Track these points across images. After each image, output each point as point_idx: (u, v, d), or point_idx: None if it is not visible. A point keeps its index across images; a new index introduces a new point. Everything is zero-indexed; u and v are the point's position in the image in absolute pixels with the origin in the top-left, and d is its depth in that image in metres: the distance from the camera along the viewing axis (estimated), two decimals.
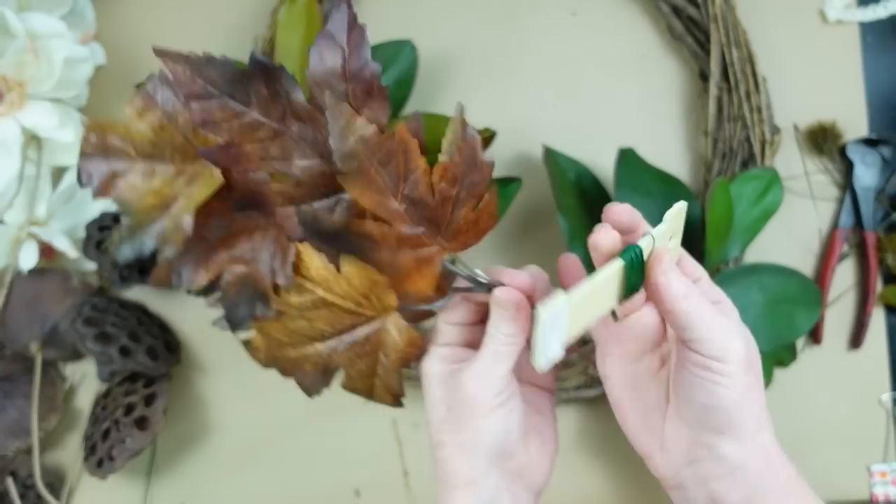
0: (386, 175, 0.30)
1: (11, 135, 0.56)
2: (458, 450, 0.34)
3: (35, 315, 0.60)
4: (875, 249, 0.60)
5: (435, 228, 0.33)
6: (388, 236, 0.31)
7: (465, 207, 0.33)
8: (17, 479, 0.60)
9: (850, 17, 0.62)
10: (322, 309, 0.35)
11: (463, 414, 0.34)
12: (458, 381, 0.34)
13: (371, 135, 0.29)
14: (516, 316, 0.33)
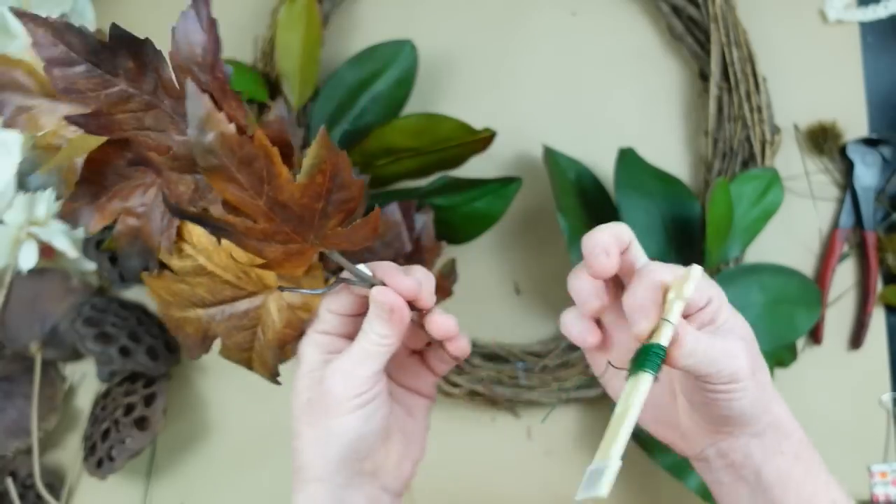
0: (247, 176, 0.29)
1: (11, 135, 0.55)
2: (312, 443, 0.33)
3: (35, 315, 0.60)
4: (875, 249, 0.60)
5: (305, 228, 0.31)
6: (253, 229, 0.30)
7: (333, 219, 0.31)
8: (17, 480, 0.60)
9: (850, 16, 0.62)
10: (202, 276, 0.34)
11: (320, 408, 0.32)
12: (321, 374, 0.33)
13: (230, 134, 0.28)
14: (391, 318, 0.32)
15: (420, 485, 0.61)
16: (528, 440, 0.61)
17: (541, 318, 0.62)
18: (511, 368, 0.59)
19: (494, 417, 0.61)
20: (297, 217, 0.30)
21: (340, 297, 0.34)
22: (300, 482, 0.34)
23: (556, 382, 0.58)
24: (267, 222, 0.30)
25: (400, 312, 0.32)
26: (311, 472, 0.33)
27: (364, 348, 0.32)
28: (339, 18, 0.62)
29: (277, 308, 0.35)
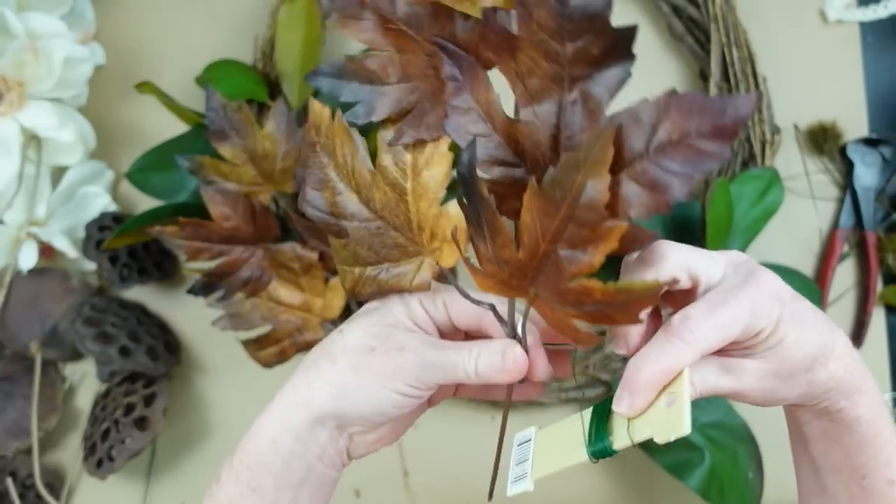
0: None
1: (11, 134, 0.56)
2: (342, 382, 0.32)
3: (35, 315, 0.60)
4: (875, 249, 0.60)
5: (538, 280, 0.29)
6: (502, 253, 0.29)
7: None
8: (17, 480, 0.60)
9: (850, 16, 0.62)
10: (398, 199, 0.33)
11: (377, 365, 0.32)
12: (405, 342, 0.33)
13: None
14: (499, 375, 0.33)
15: (420, 485, 0.62)
16: None
17: None
18: None
19: (494, 417, 0.61)
20: (544, 279, 0.28)
21: (468, 308, 0.34)
22: (296, 399, 0.33)
23: (555, 382, 0.58)
24: (513, 260, 0.29)
25: (513, 377, 0.33)
26: (316, 401, 0.33)
27: (455, 363, 0.32)
28: None
29: (422, 277, 0.34)
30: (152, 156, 0.59)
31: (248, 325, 0.53)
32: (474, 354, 0.32)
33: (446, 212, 0.32)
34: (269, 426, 0.34)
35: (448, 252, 0.33)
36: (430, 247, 0.33)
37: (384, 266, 0.34)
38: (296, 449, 0.33)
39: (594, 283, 0.26)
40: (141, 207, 0.63)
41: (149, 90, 0.57)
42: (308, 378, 0.34)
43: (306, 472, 0.34)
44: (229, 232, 0.49)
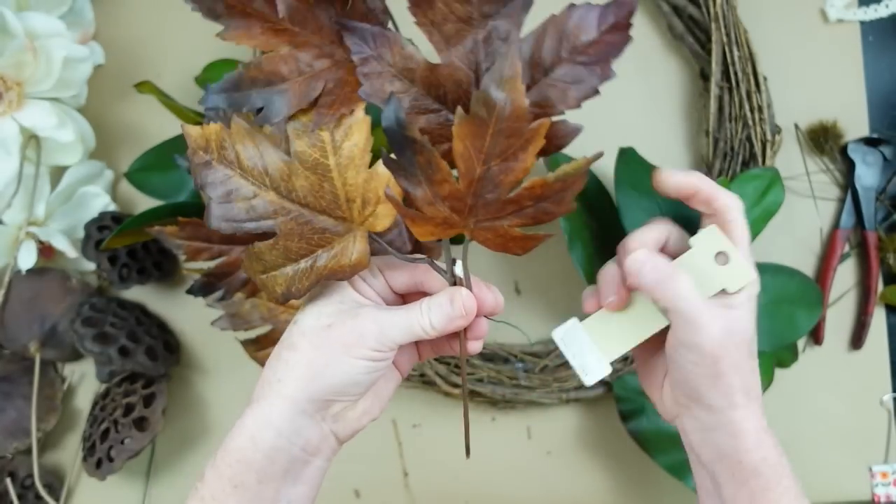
0: (492, 143, 0.30)
1: (10, 134, 0.55)
2: (307, 363, 0.34)
3: (34, 315, 0.60)
4: (876, 249, 0.60)
5: (479, 214, 0.32)
6: (441, 190, 0.31)
7: (513, 221, 0.33)
8: (16, 480, 0.60)
9: (850, 16, 0.62)
10: (314, 174, 0.34)
11: (338, 338, 0.33)
12: (358, 312, 0.34)
13: (520, 105, 0.29)
14: (454, 320, 0.34)
15: (420, 485, 0.61)
16: (529, 440, 0.61)
17: (541, 318, 0.62)
18: (511, 368, 0.59)
19: (494, 417, 0.61)
20: (483, 203, 0.31)
21: (402, 270, 0.36)
22: (270, 393, 0.34)
23: (556, 383, 0.58)
24: (452, 193, 0.31)
25: (466, 320, 0.35)
26: (288, 389, 0.34)
27: (410, 322, 0.34)
28: None
29: (357, 249, 0.34)
30: (152, 155, 0.59)
31: (248, 325, 0.52)
32: (425, 309, 0.34)
33: (375, 173, 0.33)
34: (248, 424, 0.34)
35: (382, 214, 0.34)
36: (363, 217, 0.34)
37: (317, 254, 0.35)
38: (277, 443, 0.34)
39: (534, 179, 0.30)
40: (140, 207, 0.63)
41: (148, 90, 0.57)
42: (276, 371, 0.34)
43: (290, 463, 0.34)
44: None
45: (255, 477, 0.34)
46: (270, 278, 0.35)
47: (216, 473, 0.35)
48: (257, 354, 0.53)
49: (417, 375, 0.58)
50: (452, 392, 0.58)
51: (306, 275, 0.34)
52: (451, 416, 0.61)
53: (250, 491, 0.34)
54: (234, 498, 0.34)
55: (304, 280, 0.34)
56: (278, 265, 0.35)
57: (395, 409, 0.62)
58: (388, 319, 0.34)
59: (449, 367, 0.58)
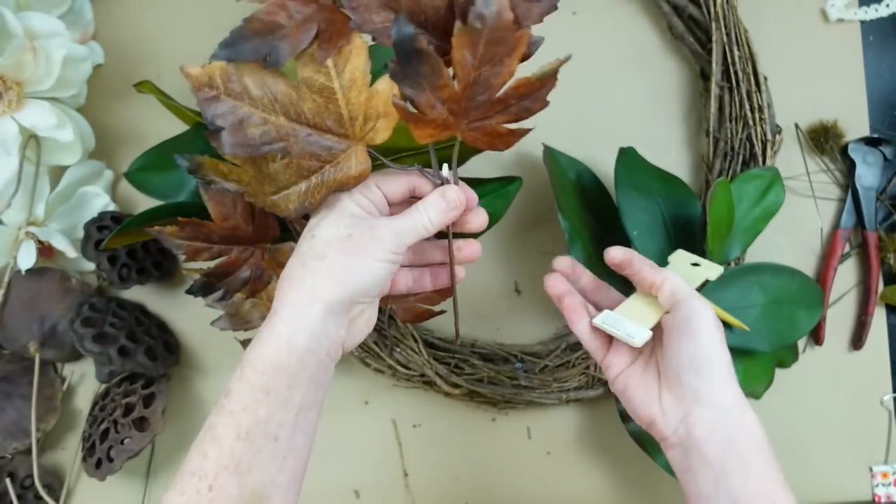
0: (483, 52, 0.34)
1: (10, 134, 0.55)
2: (338, 269, 0.37)
3: (34, 315, 0.60)
4: (876, 249, 0.60)
5: (471, 115, 0.37)
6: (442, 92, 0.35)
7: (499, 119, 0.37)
8: (16, 480, 0.60)
9: (851, 16, 0.62)
10: (320, 97, 0.38)
11: (362, 245, 0.37)
12: (375, 223, 0.38)
13: (507, 17, 0.33)
14: (449, 212, 0.40)
15: (420, 485, 0.61)
16: (529, 440, 0.61)
17: (541, 318, 0.62)
18: (511, 368, 0.58)
19: (494, 417, 0.61)
20: (475, 104, 0.36)
21: (396, 182, 0.40)
22: (303, 297, 0.37)
23: (556, 383, 0.58)
24: (451, 96, 0.35)
25: (458, 211, 0.40)
26: (323, 293, 0.37)
27: (414, 223, 0.39)
28: None
29: (358, 162, 0.38)
30: (151, 155, 0.59)
31: (248, 325, 0.52)
32: (422, 210, 0.39)
33: (376, 91, 0.37)
34: (281, 329, 0.36)
35: (382, 127, 0.38)
36: (363, 132, 0.39)
37: (325, 169, 0.39)
38: (310, 345, 0.36)
39: (519, 78, 0.35)
40: (140, 207, 0.63)
41: (148, 90, 0.56)
42: (305, 278, 0.37)
43: (315, 367, 0.36)
44: (228, 232, 0.49)
45: (285, 382, 0.35)
46: (283, 197, 0.39)
47: (246, 384, 0.36)
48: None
49: (417, 375, 0.58)
50: (452, 392, 0.57)
51: (317, 189, 0.39)
52: (451, 416, 0.61)
53: (279, 396, 0.35)
54: (264, 405, 0.35)
55: (316, 194, 0.39)
56: (292, 183, 0.39)
57: (395, 409, 0.62)
58: (398, 224, 0.38)
59: (449, 367, 0.58)
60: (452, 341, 0.60)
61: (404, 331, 0.58)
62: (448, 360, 0.58)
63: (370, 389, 0.62)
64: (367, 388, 0.62)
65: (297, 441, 0.36)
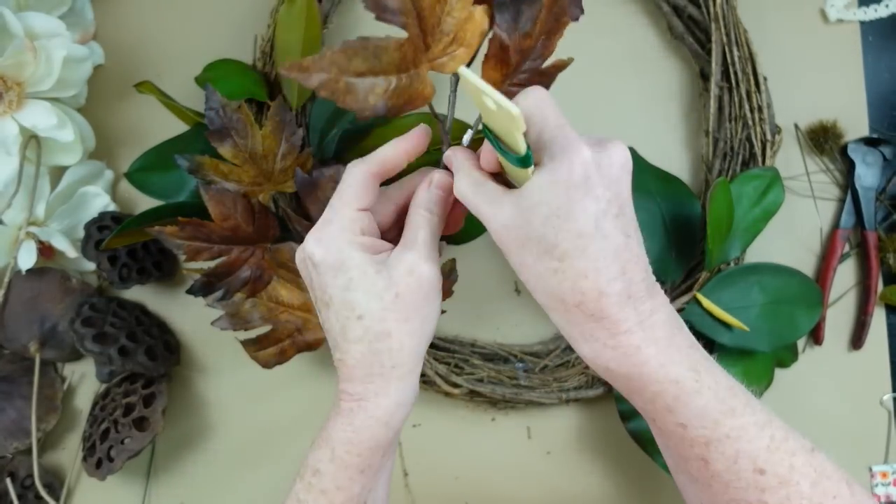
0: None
1: (10, 134, 0.55)
2: (409, 336, 0.34)
3: (34, 315, 0.60)
4: (876, 249, 0.60)
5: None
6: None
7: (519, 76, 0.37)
8: (16, 480, 0.60)
9: (850, 16, 0.62)
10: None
11: (416, 298, 0.33)
12: (410, 268, 0.34)
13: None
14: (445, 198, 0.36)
15: (420, 485, 0.61)
16: (529, 440, 0.61)
17: (541, 318, 0.62)
18: (511, 368, 0.59)
19: (494, 417, 0.61)
20: (525, 68, 0.36)
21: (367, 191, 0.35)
22: (389, 381, 0.34)
23: (556, 383, 0.58)
24: (526, 49, 0.35)
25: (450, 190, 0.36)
26: (408, 368, 0.34)
27: (427, 228, 0.35)
28: (339, 18, 0.62)
29: (426, 84, 0.35)
30: (152, 155, 0.59)
31: (248, 325, 0.52)
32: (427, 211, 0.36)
33: (472, 15, 0.34)
34: (378, 414, 0.34)
35: (460, 57, 0.34)
36: (440, 54, 0.34)
37: (411, 72, 0.34)
38: (407, 416, 0.36)
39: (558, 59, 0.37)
40: (140, 207, 0.63)
41: (148, 90, 0.57)
42: (383, 363, 0.34)
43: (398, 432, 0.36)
44: (229, 232, 0.49)
45: (380, 454, 0.35)
46: (368, 84, 0.32)
47: (339, 465, 0.35)
48: (257, 354, 0.53)
49: None
50: (452, 392, 0.58)
51: (402, 92, 0.33)
52: (451, 416, 0.61)
53: (374, 469, 0.35)
54: (359, 482, 0.35)
55: (401, 97, 0.33)
56: (389, 72, 0.33)
57: None
58: (426, 248, 0.34)
59: (449, 367, 0.58)
60: (452, 341, 0.60)
61: None
62: (448, 360, 0.58)
63: None
64: None
65: (380, 493, 0.37)
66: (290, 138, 0.51)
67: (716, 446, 0.32)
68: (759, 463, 0.32)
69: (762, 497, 0.32)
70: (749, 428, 0.32)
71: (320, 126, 0.57)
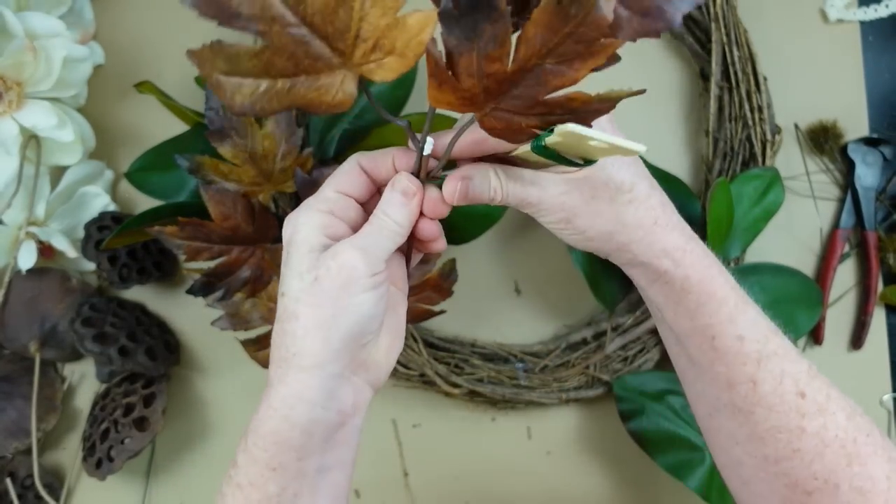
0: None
1: (10, 134, 0.55)
2: (316, 325, 0.32)
3: (34, 315, 0.60)
4: (876, 249, 0.60)
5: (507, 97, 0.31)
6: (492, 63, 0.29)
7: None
8: (16, 480, 0.60)
9: (850, 16, 0.62)
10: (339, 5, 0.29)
11: (333, 286, 0.31)
12: (335, 250, 0.32)
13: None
14: (409, 204, 0.34)
15: (420, 485, 0.61)
16: (529, 440, 0.61)
17: (541, 318, 0.62)
18: (511, 368, 0.59)
19: (494, 417, 0.61)
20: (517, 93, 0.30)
21: (351, 177, 0.35)
22: (290, 370, 0.32)
23: (556, 383, 0.58)
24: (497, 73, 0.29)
25: (417, 198, 0.34)
26: (310, 359, 0.32)
27: (380, 229, 0.33)
28: None
29: (342, 90, 0.31)
30: (152, 155, 0.59)
31: (248, 325, 0.53)
32: (381, 212, 0.33)
33: (403, 22, 0.29)
34: (276, 405, 0.32)
35: (390, 65, 0.30)
36: (364, 59, 0.30)
37: (300, 78, 0.30)
38: (313, 415, 0.32)
39: (578, 91, 0.30)
40: (140, 207, 0.63)
41: (148, 90, 0.57)
42: (287, 346, 0.32)
43: (327, 431, 0.33)
44: (229, 232, 0.49)
45: (293, 455, 0.32)
46: (234, 83, 0.31)
47: (250, 458, 0.33)
48: (257, 354, 0.53)
49: (417, 375, 0.58)
50: (452, 392, 0.58)
51: (279, 96, 0.30)
52: (451, 416, 0.61)
53: (289, 470, 0.33)
54: (273, 481, 0.33)
55: (274, 102, 0.30)
56: (252, 75, 0.30)
57: (395, 409, 0.62)
58: (363, 240, 0.32)
59: (449, 367, 0.58)
60: (452, 341, 0.60)
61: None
62: (448, 360, 0.58)
63: None
64: None
65: (319, 503, 0.34)
66: (290, 138, 0.51)
67: (765, 363, 0.35)
68: (801, 385, 0.35)
69: (801, 423, 0.34)
70: (791, 350, 0.36)
71: (320, 126, 0.57)
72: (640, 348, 0.58)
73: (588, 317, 0.61)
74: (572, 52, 0.28)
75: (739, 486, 0.38)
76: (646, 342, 0.58)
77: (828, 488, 0.34)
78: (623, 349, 0.58)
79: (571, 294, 0.61)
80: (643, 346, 0.58)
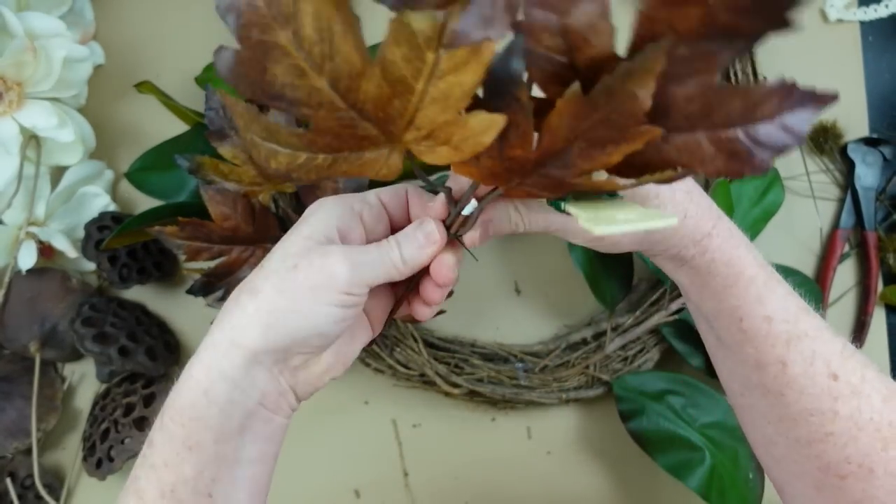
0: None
1: (10, 134, 0.55)
2: (268, 310, 0.30)
3: (34, 315, 0.60)
4: (876, 249, 0.60)
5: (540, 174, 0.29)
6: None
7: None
8: (16, 480, 0.60)
9: (850, 16, 0.62)
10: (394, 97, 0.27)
11: (306, 282, 0.30)
12: (328, 250, 0.30)
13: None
14: (425, 249, 0.32)
15: (420, 485, 0.61)
16: (529, 440, 0.61)
17: (541, 318, 0.62)
18: (511, 368, 0.59)
19: (494, 417, 0.61)
20: (541, 174, 0.28)
21: (399, 198, 0.34)
22: (223, 341, 0.31)
23: (556, 383, 0.58)
24: (520, 157, 0.27)
25: (436, 247, 0.32)
26: (245, 338, 0.30)
27: (381, 257, 0.31)
28: None
29: (391, 165, 0.29)
30: (152, 155, 0.59)
31: None
32: (394, 243, 0.32)
33: (464, 122, 0.26)
34: (199, 376, 0.31)
35: (442, 154, 0.28)
36: (413, 142, 0.28)
37: (343, 154, 0.29)
38: (232, 396, 0.30)
39: (610, 181, 0.27)
40: (140, 207, 0.63)
41: (148, 90, 0.57)
42: (232, 316, 0.31)
43: (246, 419, 0.31)
44: (229, 232, 0.49)
45: (211, 436, 0.30)
46: (270, 150, 0.29)
47: (166, 436, 0.31)
48: None
49: (417, 375, 0.58)
50: (452, 392, 0.58)
51: (318, 170, 0.29)
52: (451, 416, 0.61)
53: (206, 451, 0.30)
54: (189, 462, 0.30)
55: (313, 174, 0.29)
56: (291, 147, 0.29)
57: (395, 409, 0.62)
58: (359, 257, 0.31)
59: (449, 367, 0.58)
60: (452, 341, 0.60)
61: (404, 331, 0.58)
62: (448, 360, 0.58)
63: (370, 389, 0.62)
64: (366, 388, 0.62)
65: (239, 496, 0.32)
66: None
67: (795, 344, 0.34)
68: (833, 367, 0.34)
69: (834, 406, 0.33)
70: (824, 330, 0.35)
71: None
72: (640, 348, 0.58)
73: (588, 317, 0.61)
74: (603, 138, 0.25)
75: (772, 463, 0.38)
76: (646, 342, 0.58)
77: (862, 472, 0.33)
78: (623, 349, 0.58)
79: (571, 294, 0.61)
80: (643, 346, 0.58)
